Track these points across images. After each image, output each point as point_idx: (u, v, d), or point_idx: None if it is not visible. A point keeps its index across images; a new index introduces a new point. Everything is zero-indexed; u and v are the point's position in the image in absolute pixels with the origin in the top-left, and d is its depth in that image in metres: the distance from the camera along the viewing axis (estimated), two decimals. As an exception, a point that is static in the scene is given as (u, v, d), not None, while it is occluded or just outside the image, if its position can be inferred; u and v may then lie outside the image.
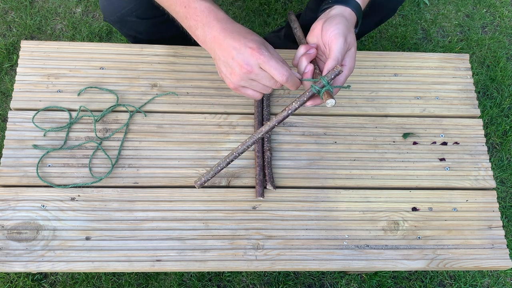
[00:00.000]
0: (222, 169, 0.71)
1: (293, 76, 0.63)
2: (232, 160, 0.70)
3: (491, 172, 0.85)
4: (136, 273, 1.17)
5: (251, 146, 0.67)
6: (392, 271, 1.22)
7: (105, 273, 1.17)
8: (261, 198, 0.78)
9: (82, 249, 0.74)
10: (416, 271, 1.23)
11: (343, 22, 0.66)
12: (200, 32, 0.66)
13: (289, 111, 0.64)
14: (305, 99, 0.64)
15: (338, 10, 0.68)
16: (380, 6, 0.92)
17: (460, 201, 0.82)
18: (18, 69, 0.86)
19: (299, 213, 0.79)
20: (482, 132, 0.88)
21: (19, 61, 0.86)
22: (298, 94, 0.88)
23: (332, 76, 0.62)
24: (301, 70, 0.66)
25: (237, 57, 0.62)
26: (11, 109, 0.83)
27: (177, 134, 0.83)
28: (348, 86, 0.68)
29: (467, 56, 0.95)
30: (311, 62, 0.66)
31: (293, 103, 0.64)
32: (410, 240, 0.79)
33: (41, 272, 1.16)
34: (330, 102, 0.62)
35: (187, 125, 0.84)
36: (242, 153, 0.69)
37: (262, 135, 0.67)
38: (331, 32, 0.64)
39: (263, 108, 0.85)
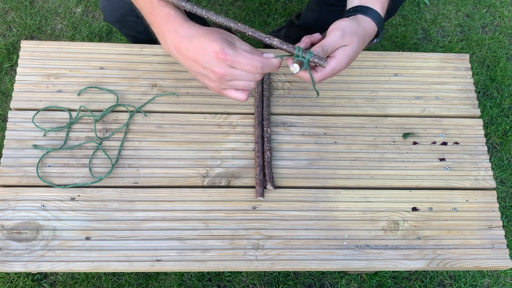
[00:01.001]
0: (192, 9, 0.62)
1: (267, 61, 0.60)
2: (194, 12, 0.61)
3: (491, 172, 0.85)
4: (136, 273, 1.17)
5: (217, 22, 0.62)
6: (392, 271, 1.22)
7: (105, 273, 1.17)
8: (261, 198, 0.78)
9: (82, 249, 0.74)
10: (416, 271, 1.23)
11: (350, 22, 0.66)
12: (162, 40, 0.64)
13: (267, 38, 0.62)
14: (284, 47, 0.63)
15: (358, 17, 0.68)
16: None
17: (460, 201, 0.82)
18: (18, 69, 0.86)
19: (299, 213, 0.79)
20: (482, 132, 0.88)
21: (19, 61, 0.86)
22: (298, 94, 0.88)
23: (316, 60, 0.62)
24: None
25: (206, 65, 0.60)
26: (11, 109, 0.83)
27: (177, 134, 0.83)
28: (317, 93, 0.70)
29: (467, 56, 0.95)
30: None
31: (276, 40, 0.63)
32: (410, 240, 0.79)
33: (41, 272, 1.16)
34: (294, 67, 0.62)
35: (187, 125, 0.84)
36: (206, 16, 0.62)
37: (228, 23, 0.62)
38: (333, 25, 0.65)
39: (263, 108, 0.85)
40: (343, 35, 0.64)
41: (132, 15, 0.90)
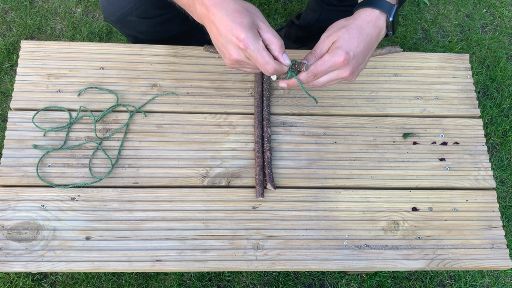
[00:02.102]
0: None
1: (279, 67, 0.63)
2: None
3: (491, 172, 0.85)
4: (136, 273, 1.17)
5: None
6: (392, 271, 1.22)
7: (105, 273, 1.17)
8: (261, 198, 0.78)
9: (82, 249, 0.74)
10: (416, 271, 1.23)
11: (338, 21, 0.67)
12: (193, 10, 0.65)
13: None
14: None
15: (354, 15, 0.68)
16: None
17: (460, 201, 0.82)
18: (18, 69, 0.86)
19: (299, 213, 0.79)
20: (482, 132, 0.88)
21: (19, 61, 0.86)
22: (298, 94, 0.88)
23: (296, 65, 0.66)
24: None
25: (226, 45, 0.62)
26: (11, 109, 0.83)
27: (177, 134, 0.83)
28: (315, 100, 0.71)
29: (467, 56, 0.95)
30: None
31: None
32: (410, 240, 0.79)
33: (41, 272, 1.16)
34: (272, 76, 0.67)
35: (187, 125, 0.84)
36: None
37: None
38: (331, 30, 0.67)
39: (263, 108, 0.85)
40: (328, 34, 0.65)
41: (132, 15, 0.90)
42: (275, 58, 0.63)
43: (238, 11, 0.60)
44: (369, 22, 0.67)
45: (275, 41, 0.62)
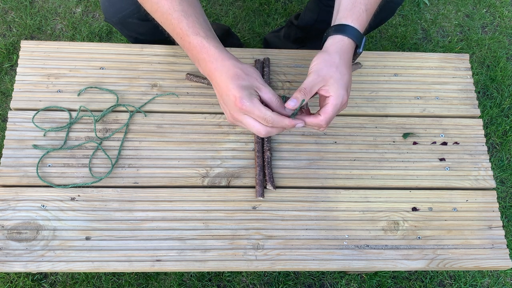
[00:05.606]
0: None
1: (278, 119, 0.64)
2: None
3: (491, 172, 0.85)
4: (136, 273, 1.17)
5: None
6: (392, 271, 1.22)
7: (105, 273, 1.17)
8: (261, 198, 0.78)
9: (82, 249, 0.74)
10: (416, 271, 1.23)
11: (320, 58, 0.69)
12: (197, 65, 0.70)
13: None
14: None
15: (328, 43, 0.70)
16: (379, 7, 0.92)
17: (460, 201, 0.82)
18: (18, 69, 0.86)
19: (299, 213, 0.79)
20: (482, 132, 0.88)
21: (19, 61, 0.86)
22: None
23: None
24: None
25: (226, 102, 0.66)
26: (11, 109, 0.83)
27: (177, 134, 0.83)
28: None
29: (467, 56, 0.95)
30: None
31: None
32: (410, 240, 0.79)
33: (41, 272, 1.16)
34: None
35: (187, 125, 0.84)
36: None
37: None
38: (309, 70, 0.69)
39: (263, 108, 0.85)
40: (319, 73, 0.67)
41: (133, 18, 0.90)
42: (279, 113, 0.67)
43: (237, 74, 0.65)
44: (346, 50, 0.70)
45: (274, 100, 0.66)
